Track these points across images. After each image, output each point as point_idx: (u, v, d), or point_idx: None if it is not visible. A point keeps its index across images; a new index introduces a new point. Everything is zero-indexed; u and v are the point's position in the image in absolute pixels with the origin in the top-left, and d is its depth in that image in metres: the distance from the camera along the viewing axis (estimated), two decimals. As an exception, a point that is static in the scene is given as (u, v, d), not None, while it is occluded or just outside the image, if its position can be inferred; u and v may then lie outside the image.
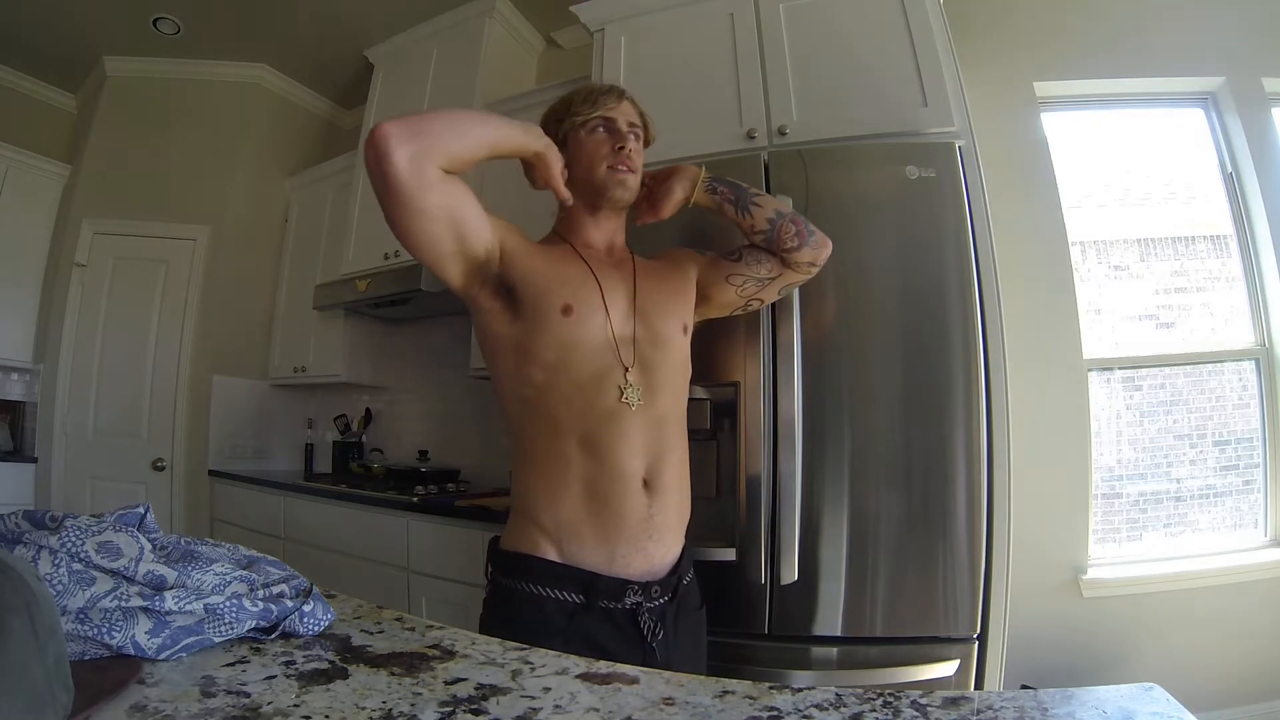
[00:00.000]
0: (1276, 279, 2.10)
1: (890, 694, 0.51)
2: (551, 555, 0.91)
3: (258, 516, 2.66)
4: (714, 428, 1.48)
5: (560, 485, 0.92)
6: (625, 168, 1.01)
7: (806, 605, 1.35)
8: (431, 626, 0.68)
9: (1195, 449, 2.17)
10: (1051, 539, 2.04)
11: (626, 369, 0.96)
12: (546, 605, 0.89)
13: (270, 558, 0.72)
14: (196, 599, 0.58)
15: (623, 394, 0.94)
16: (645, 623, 0.90)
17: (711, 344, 1.45)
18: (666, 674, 0.56)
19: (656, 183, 1.10)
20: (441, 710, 0.47)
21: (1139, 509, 2.17)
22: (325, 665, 0.56)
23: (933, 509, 1.35)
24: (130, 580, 0.57)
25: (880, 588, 1.35)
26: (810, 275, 1.20)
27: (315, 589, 0.69)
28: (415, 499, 2.08)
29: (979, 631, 1.32)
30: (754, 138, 1.71)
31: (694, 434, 1.35)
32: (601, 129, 1.02)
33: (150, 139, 3.14)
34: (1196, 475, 2.16)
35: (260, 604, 0.61)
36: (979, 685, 1.33)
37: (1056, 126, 2.30)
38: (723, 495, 1.44)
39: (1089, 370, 2.16)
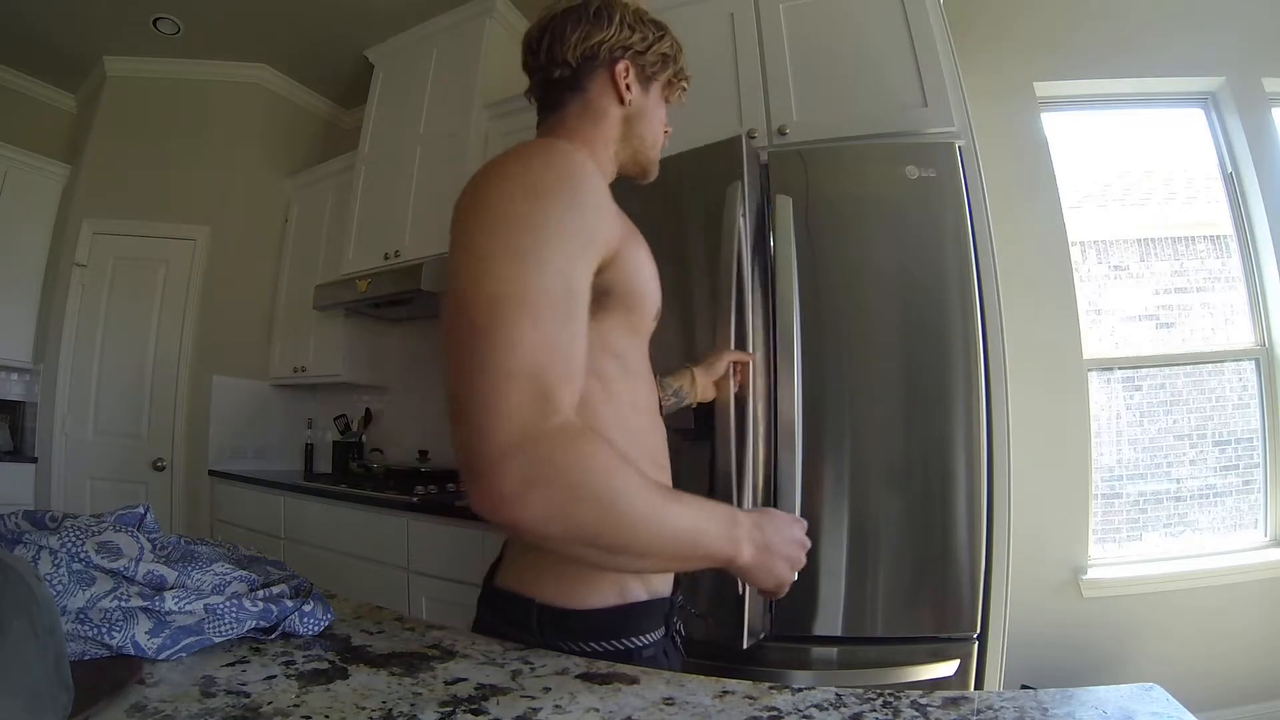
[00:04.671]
0: (1276, 279, 2.10)
1: (890, 694, 0.51)
2: (642, 595, 0.73)
3: (258, 516, 2.66)
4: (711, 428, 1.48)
5: None
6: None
7: (806, 605, 1.35)
8: (431, 626, 0.68)
9: (1195, 449, 2.17)
10: (1051, 539, 2.04)
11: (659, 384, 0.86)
12: (651, 650, 0.73)
13: (270, 558, 0.72)
14: (196, 599, 0.58)
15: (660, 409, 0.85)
16: (679, 626, 0.82)
17: (712, 344, 1.45)
18: (666, 674, 0.56)
19: None
20: (441, 710, 0.47)
21: (1139, 509, 2.17)
22: (325, 665, 0.56)
23: (933, 509, 1.35)
24: (130, 580, 0.57)
25: (880, 588, 1.35)
26: None
27: (315, 589, 0.69)
28: (415, 499, 2.08)
29: (979, 631, 1.32)
30: (754, 137, 1.71)
31: (689, 433, 1.35)
32: (669, 105, 0.85)
33: (150, 139, 3.14)
34: (1196, 475, 2.16)
35: (260, 604, 0.61)
36: (979, 685, 1.33)
37: (1056, 126, 2.30)
38: (717, 496, 1.44)
39: (1089, 370, 2.16)
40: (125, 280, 3.06)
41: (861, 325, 1.43)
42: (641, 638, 0.70)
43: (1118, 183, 2.39)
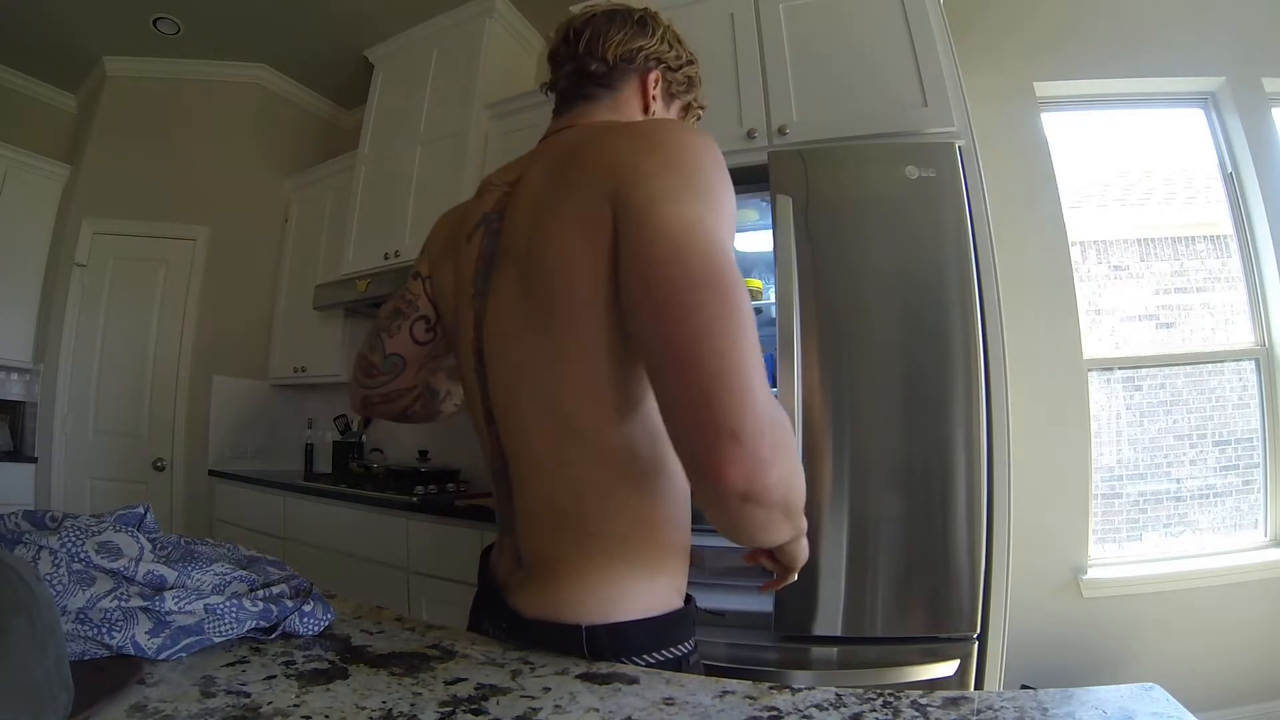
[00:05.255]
0: (1276, 279, 2.10)
1: (890, 694, 0.51)
2: (677, 602, 0.70)
3: (258, 516, 2.66)
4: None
5: (684, 512, 0.71)
6: None
7: (806, 605, 1.35)
8: (431, 626, 0.68)
9: (1195, 449, 2.17)
10: (1051, 539, 2.04)
11: None
12: (695, 656, 0.70)
13: (270, 558, 0.72)
14: (196, 599, 0.58)
15: None
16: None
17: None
18: (666, 674, 0.56)
19: None
20: (441, 710, 0.47)
21: (1139, 509, 2.17)
22: (325, 665, 0.56)
23: (933, 509, 1.35)
24: (130, 580, 0.57)
25: (880, 588, 1.35)
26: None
27: (315, 589, 0.69)
28: (415, 499, 2.08)
29: (979, 631, 1.32)
30: (754, 137, 1.71)
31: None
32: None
33: (150, 139, 3.14)
34: (1196, 475, 2.16)
35: (260, 604, 0.61)
36: (979, 685, 1.33)
37: (1056, 126, 2.30)
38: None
39: (1089, 370, 2.16)
40: (125, 280, 3.06)
41: (861, 325, 1.43)
42: (687, 644, 0.69)
43: (1118, 183, 2.39)
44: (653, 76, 0.79)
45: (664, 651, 0.66)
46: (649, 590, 0.67)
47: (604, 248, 0.58)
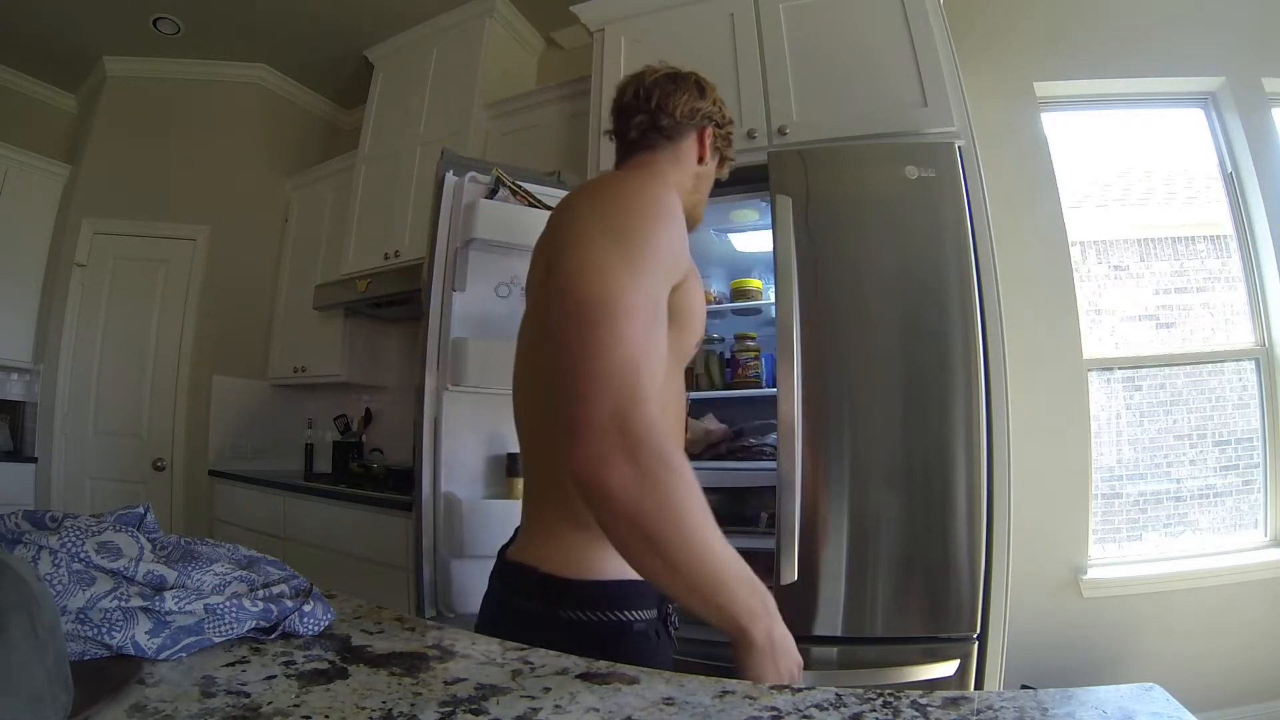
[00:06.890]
0: (1276, 279, 2.10)
1: (890, 694, 0.51)
2: (633, 573, 0.71)
3: (258, 516, 2.66)
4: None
5: None
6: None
7: (806, 605, 1.35)
8: (431, 626, 0.68)
9: (1195, 449, 2.17)
10: (1051, 539, 2.04)
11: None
12: (642, 626, 0.75)
13: (270, 558, 0.72)
14: (196, 599, 0.58)
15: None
16: (673, 617, 0.82)
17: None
18: (666, 674, 0.56)
19: None
20: (441, 710, 0.47)
21: (1139, 509, 2.17)
22: (325, 665, 0.56)
23: (933, 509, 1.35)
24: (130, 580, 0.57)
25: (880, 588, 1.35)
26: None
27: (315, 589, 0.69)
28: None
29: (979, 631, 1.32)
30: (754, 137, 1.71)
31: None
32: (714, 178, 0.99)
33: (150, 139, 3.15)
34: (1196, 475, 2.16)
35: (260, 604, 0.61)
36: (979, 685, 1.33)
37: (1056, 126, 2.30)
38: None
39: (1089, 370, 2.16)
40: (125, 280, 3.06)
41: (861, 325, 1.43)
42: (634, 613, 0.75)
43: (1118, 183, 2.39)
44: (707, 132, 0.94)
45: (609, 613, 0.73)
46: (601, 556, 0.73)
47: None
